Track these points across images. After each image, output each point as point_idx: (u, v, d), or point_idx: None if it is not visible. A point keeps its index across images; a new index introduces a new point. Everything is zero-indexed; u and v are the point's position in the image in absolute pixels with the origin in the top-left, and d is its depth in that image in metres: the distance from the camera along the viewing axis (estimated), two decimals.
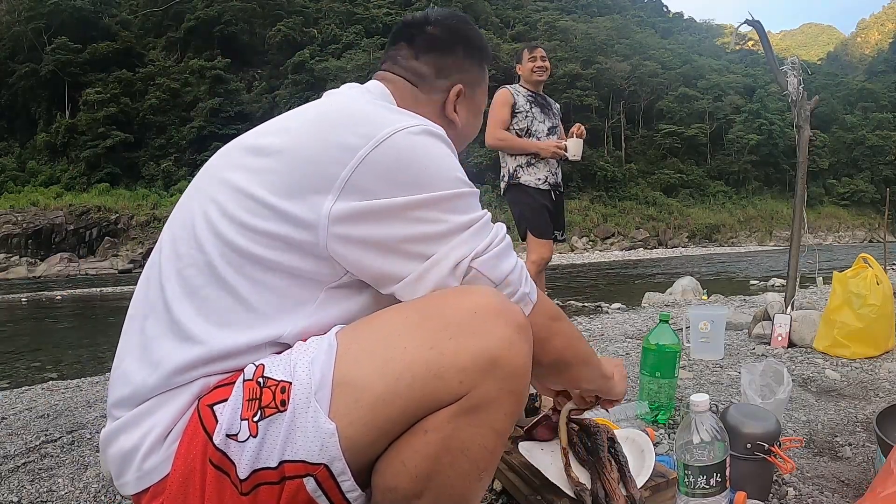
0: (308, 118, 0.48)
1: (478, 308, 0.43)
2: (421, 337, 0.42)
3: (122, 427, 0.44)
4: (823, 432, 0.98)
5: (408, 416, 0.42)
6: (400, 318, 0.44)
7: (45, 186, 24.50)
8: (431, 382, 0.41)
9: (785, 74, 1.99)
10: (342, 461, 0.41)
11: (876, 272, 1.53)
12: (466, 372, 0.41)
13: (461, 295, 0.44)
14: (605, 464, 0.64)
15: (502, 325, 0.42)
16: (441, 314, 0.43)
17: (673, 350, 1.01)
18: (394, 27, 0.62)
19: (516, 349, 0.42)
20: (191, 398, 0.44)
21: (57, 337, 5.09)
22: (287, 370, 0.42)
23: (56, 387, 1.82)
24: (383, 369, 0.41)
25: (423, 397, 0.41)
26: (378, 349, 0.42)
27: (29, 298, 9.79)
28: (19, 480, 0.94)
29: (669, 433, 0.96)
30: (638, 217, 29.86)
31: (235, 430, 0.41)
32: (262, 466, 0.41)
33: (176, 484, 0.42)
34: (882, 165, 38.62)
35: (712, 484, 0.60)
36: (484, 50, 0.62)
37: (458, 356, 0.41)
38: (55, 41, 28.98)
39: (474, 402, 0.41)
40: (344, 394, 0.41)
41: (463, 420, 0.41)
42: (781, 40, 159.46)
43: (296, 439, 0.41)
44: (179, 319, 0.45)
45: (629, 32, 43.13)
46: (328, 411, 0.41)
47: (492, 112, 1.89)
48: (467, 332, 0.42)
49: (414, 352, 0.41)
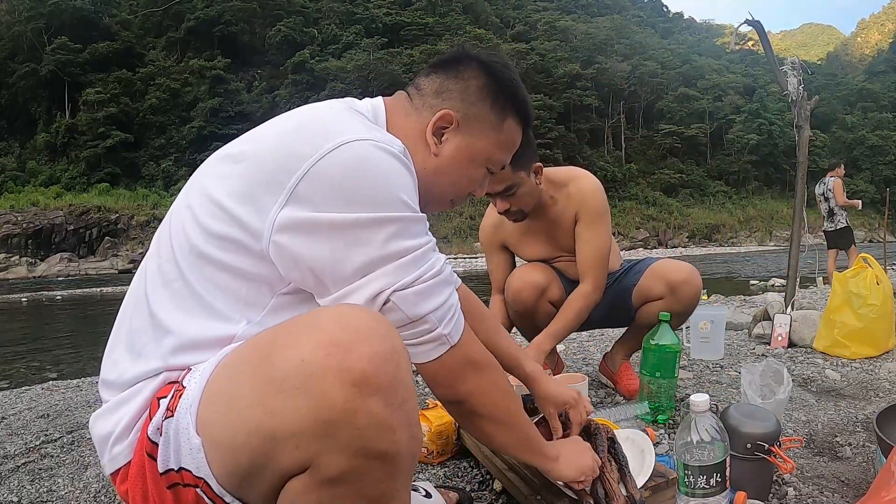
0: (277, 126, 0.48)
1: (305, 356, 0.36)
2: (252, 387, 0.38)
3: (102, 413, 0.47)
4: (823, 432, 0.97)
5: (261, 471, 0.38)
6: (247, 355, 0.40)
7: (46, 186, 24.52)
8: (267, 444, 0.36)
9: (785, 74, 1.99)
10: (216, 482, 0.39)
11: (876, 272, 1.53)
12: (299, 438, 0.36)
13: (298, 333, 0.38)
14: (605, 464, 0.64)
15: (332, 383, 0.35)
16: (272, 361, 0.37)
17: (673, 350, 1.01)
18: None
19: (353, 409, 0.35)
20: (153, 391, 0.45)
21: (57, 337, 5.09)
22: (191, 377, 0.43)
23: (56, 387, 1.82)
24: (225, 418, 0.39)
25: (266, 457, 0.37)
26: (225, 393, 0.40)
27: (29, 298, 9.82)
28: (19, 480, 0.93)
29: (669, 433, 0.96)
30: (638, 217, 29.89)
31: (158, 426, 0.42)
32: (170, 468, 0.41)
33: (134, 470, 0.43)
34: (882, 165, 38.57)
35: (712, 484, 0.60)
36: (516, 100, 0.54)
37: (286, 418, 0.36)
38: (55, 41, 28.99)
39: (328, 475, 0.36)
40: (205, 429, 0.40)
41: (325, 492, 0.37)
42: (781, 40, 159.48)
43: (182, 447, 0.40)
44: (155, 312, 0.47)
45: (629, 32, 43.14)
46: (195, 427, 0.40)
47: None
48: (293, 388, 0.36)
49: (246, 406, 0.37)
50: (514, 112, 0.55)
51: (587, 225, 1.11)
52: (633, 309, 1.17)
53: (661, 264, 1.16)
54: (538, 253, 1.21)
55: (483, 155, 0.55)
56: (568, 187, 1.12)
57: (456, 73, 0.54)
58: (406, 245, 0.44)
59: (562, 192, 1.12)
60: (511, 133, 0.56)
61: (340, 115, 0.48)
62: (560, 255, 1.20)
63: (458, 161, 0.54)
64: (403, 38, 35.40)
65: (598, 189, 1.13)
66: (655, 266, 1.16)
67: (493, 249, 1.26)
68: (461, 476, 0.85)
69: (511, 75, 0.55)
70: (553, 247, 1.19)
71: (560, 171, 1.17)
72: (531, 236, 1.20)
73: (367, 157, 0.44)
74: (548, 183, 1.13)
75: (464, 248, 17.83)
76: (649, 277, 1.14)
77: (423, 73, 0.56)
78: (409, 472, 0.40)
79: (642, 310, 1.16)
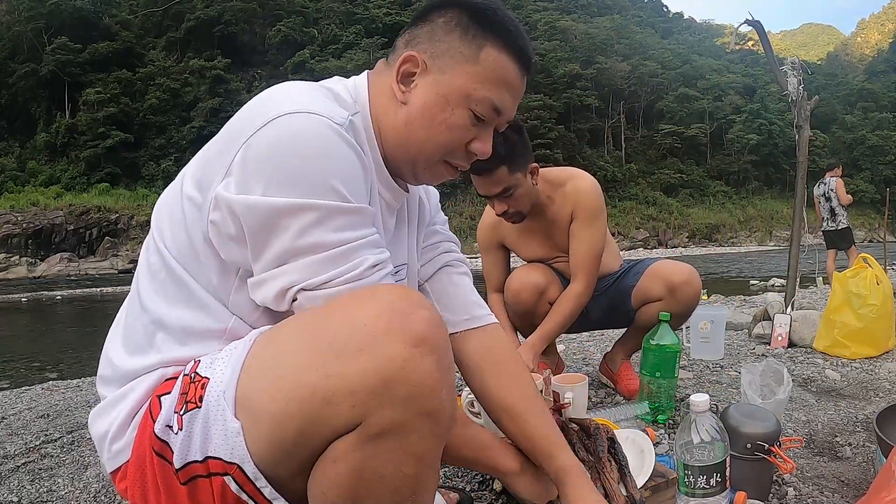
0: (237, 112, 0.47)
1: (367, 321, 0.38)
2: (308, 356, 0.38)
3: (99, 411, 0.47)
4: (823, 432, 0.97)
5: (308, 439, 0.38)
6: (297, 329, 0.41)
7: (46, 186, 24.52)
8: (321, 408, 0.37)
9: (785, 74, 1.99)
10: (252, 464, 0.39)
11: (876, 272, 1.53)
12: (357, 396, 0.37)
13: (355, 304, 0.39)
14: (604, 464, 0.64)
15: (392, 342, 0.37)
16: (329, 329, 0.38)
17: (673, 350, 1.01)
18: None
19: (412, 367, 0.37)
20: (150, 388, 0.45)
21: (57, 337, 5.10)
22: (211, 367, 0.42)
23: (56, 387, 1.82)
24: (275, 389, 0.39)
25: (317, 422, 0.38)
26: (273, 366, 0.40)
27: (29, 298, 9.82)
28: (19, 480, 0.94)
29: (669, 433, 0.96)
30: (638, 217, 29.89)
31: (171, 422, 0.42)
32: (191, 460, 0.41)
33: (133, 469, 0.43)
34: (882, 165, 38.56)
35: (712, 484, 0.60)
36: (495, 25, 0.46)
37: (345, 378, 0.37)
38: (55, 41, 28.99)
39: (377, 429, 0.37)
40: (246, 408, 0.40)
41: (370, 448, 0.37)
42: (781, 40, 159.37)
43: (213, 436, 0.40)
44: (146, 305, 0.47)
45: (629, 32, 43.13)
46: (234, 410, 0.40)
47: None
48: (354, 350, 0.37)
49: (301, 373, 0.38)
50: (494, 39, 0.47)
51: (582, 224, 1.11)
52: (632, 310, 1.17)
53: (661, 265, 1.16)
54: (536, 253, 1.21)
55: (459, 93, 0.46)
56: (565, 187, 1.12)
57: (426, 18, 0.48)
58: (325, 239, 0.40)
59: (559, 192, 1.13)
60: (493, 63, 0.47)
61: (291, 88, 0.44)
62: (558, 255, 1.20)
63: (431, 105, 0.46)
64: None
65: (595, 188, 1.13)
66: (655, 267, 1.16)
67: (491, 248, 1.26)
68: (461, 476, 0.85)
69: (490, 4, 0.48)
70: (551, 247, 1.19)
71: (557, 170, 1.17)
72: (529, 236, 1.20)
73: (298, 133, 0.40)
74: (545, 183, 1.12)
75: (464, 248, 17.87)
76: (649, 278, 1.14)
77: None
78: (447, 434, 0.40)
79: (642, 311, 1.15)
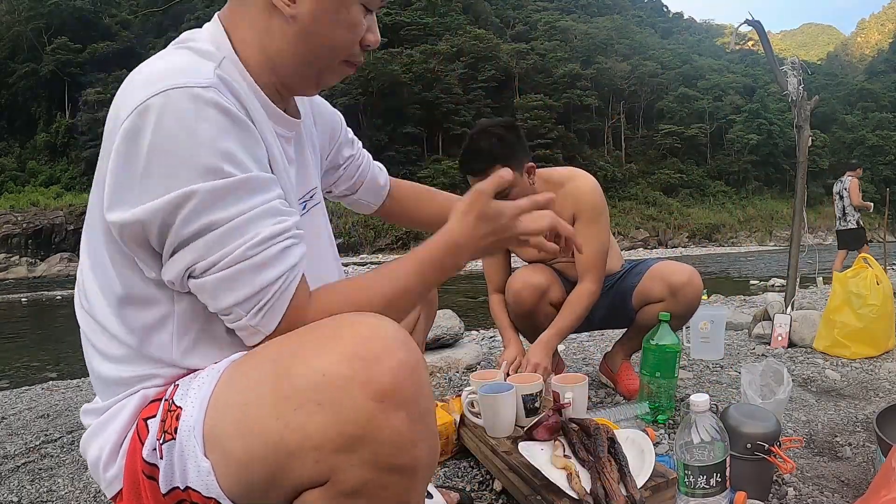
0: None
1: (327, 370, 0.35)
2: (269, 401, 0.36)
3: (88, 437, 0.45)
4: (823, 432, 0.97)
5: (278, 484, 0.37)
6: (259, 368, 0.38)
7: (46, 186, 24.54)
8: (285, 459, 0.35)
9: (785, 74, 1.99)
10: (228, 501, 0.38)
11: (876, 272, 1.52)
12: (321, 452, 0.35)
13: (317, 346, 0.36)
14: (604, 464, 0.64)
15: (356, 397, 0.34)
16: (290, 373, 0.36)
17: (673, 350, 1.00)
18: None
19: (377, 424, 0.34)
20: (134, 411, 0.43)
21: (57, 337, 5.09)
22: (185, 396, 0.41)
23: (56, 387, 1.82)
24: (239, 432, 0.37)
25: (283, 470, 0.36)
26: (237, 407, 0.38)
27: (29, 298, 9.79)
28: (19, 480, 0.93)
29: (669, 433, 0.96)
30: (638, 217, 29.87)
31: (155, 447, 0.41)
32: (175, 486, 0.40)
33: (128, 491, 0.42)
34: (882, 165, 38.54)
35: (712, 484, 0.60)
36: None
37: (307, 432, 0.34)
38: (55, 41, 29.00)
39: (348, 488, 0.35)
40: (214, 445, 0.38)
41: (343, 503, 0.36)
42: (781, 40, 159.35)
43: (188, 470, 0.39)
44: (97, 318, 0.44)
45: (629, 32, 43.14)
46: (203, 449, 0.38)
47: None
48: (314, 402, 0.34)
49: (263, 421, 0.36)
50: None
51: (585, 224, 1.10)
52: (633, 310, 1.17)
53: (662, 266, 1.15)
54: (537, 254, 1.20)
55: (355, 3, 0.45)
56: (565, 187, 1.12)
57: None
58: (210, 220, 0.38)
59: (559, 193, 1.12)
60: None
61: (147, 67, 0.41)
62: (559, 255, 1.19)
63: (326, 9, 0.44)
64: (403, 37, 35.34)
65: (596, 188, 1.13)
66: (656, 268, 1.15)
67: None
68: (461, 476, 0.85)
69: None
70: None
71: (557, 171, 1.16)
72: None
73: (158, 123, 0.37)
74: (544, 183, 1.12)
75: None
76: (650, 279, 1.14)
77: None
78: (425, 483, 0.39)
79: (643, 311, 1.15)
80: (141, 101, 0.38)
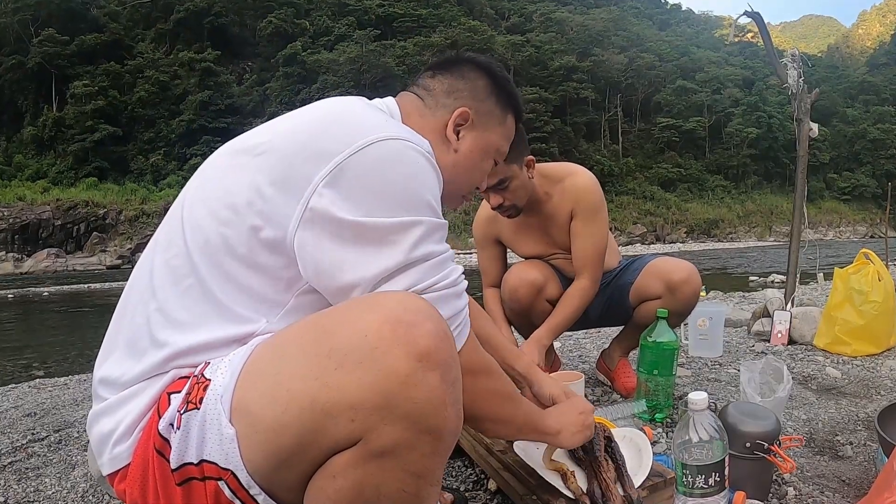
0: (300, 119, 0.49)
1: (369, 332, 0.37)
2: (308, 363, 0.38)
3: (103, 410, 0.46)
4: (824, 431, 0.96)
5: (306, 449, 0.38)
6: (298, 335, 0.40)
7: (32, 181, 24.17)
8: (320, 419, 0.37)
9: (785, 67, 1.95)
10: (245, 472, 0.39)
11: (877, 268, 1.51)
12: (357, 411, 0.36)
13: (359, 312, 0.39)
14: (601, 463, 0.63)
15: (397, 356, 0.36)
16: (331, 336, 0.38)
17: (671, 347, 0.99)
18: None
19: (414, 383, 0.36)
20: (161, 388, 0.45)
21: (44, 334, 5.05)
22: (216, 369, 0.42)
23: (43, 385, 1.79)
24: (272, 396, 0.38)
25: (315, 433, 0.37)
26: (271, 372, 0.39)
27: (15, 295, 9.71)
28: (6, 480, 0.91)
29: (667, 432, 0.95)
30: (635, 212, 29.96)
31: (172, 420, 0.42)
32: (187, 461, 0.41)
33: (137, 470, 0.43)
34: (884, 160, 38.62)
35: (711, 483, 0.58)
36: (513, 97, 0.61)
37: (345, 391, 0.36)
38: (42, 33, 28.38)
39: (379, 447, 0.37)
40: (242, 414, 0.39)
41: (371, 465, 0.37)
42: (781, 32, 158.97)
43: (208, 440, 0.40)
44: (164, 308, 0.46)
45: (626, 24, 42.86)
46: (229, 416, 0.39)
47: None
48: (354, 362, 0.36)
49: (300, 381, 0.37)
50: (514, 108, 0.62)
51: (583, 221, 1.09)
52: (630, 307, 1.15)
53: (660, 263, 1.13)
54: (533, 250, 1.19)
55: (493, 147, 0.60)
56: (563, 183, 1.10)
57: (460, 73, 0.59)
58: (430, 249, 0.44)
59: (557, 188, 1.10)
60: (511, 125, 0.62)
61: (367, 112, 0.49)
62: (556, 251, 1.17)
63: (474, 155, 0.58)
64: (396, 29, 34.94)
65: (594, 184, 1.11)
66: (653, 264, 1.13)
67: (487, 243, 1.24)
68: (455, 476, 0.84)
69: (505, 74, 0.62)
70: (548, 243, 1.17)
71: (555, 166, 1.14)
72: (526, 232, 1.17)
73: (398, 158, 0.44)
74: (543, 178, 1.10)
75: (458, 243, 17.87)
76: (648, 276, 1.12)
77: (425, 75, 0.60)
78: (449, 450, 0.40)
79: (640, 308, 1.14)
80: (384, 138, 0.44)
